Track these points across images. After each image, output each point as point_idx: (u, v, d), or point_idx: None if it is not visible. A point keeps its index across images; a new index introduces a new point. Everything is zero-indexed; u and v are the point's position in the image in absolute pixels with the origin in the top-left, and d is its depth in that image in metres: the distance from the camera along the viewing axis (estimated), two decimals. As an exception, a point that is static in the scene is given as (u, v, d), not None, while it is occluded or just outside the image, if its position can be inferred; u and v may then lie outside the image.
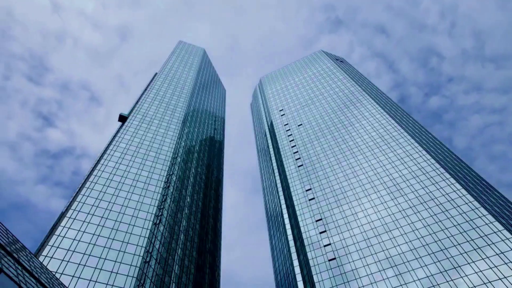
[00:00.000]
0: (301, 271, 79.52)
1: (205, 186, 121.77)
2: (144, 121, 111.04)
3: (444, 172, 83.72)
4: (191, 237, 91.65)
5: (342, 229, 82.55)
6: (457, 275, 62.03)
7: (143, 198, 79.89)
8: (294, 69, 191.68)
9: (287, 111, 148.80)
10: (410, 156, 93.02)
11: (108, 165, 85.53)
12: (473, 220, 69.69)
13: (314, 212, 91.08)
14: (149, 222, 73.96)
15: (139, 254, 65.86)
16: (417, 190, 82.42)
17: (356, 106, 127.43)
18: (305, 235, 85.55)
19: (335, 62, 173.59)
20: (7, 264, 25.40)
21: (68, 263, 58.74)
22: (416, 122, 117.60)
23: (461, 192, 76.49)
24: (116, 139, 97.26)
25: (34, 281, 28.45)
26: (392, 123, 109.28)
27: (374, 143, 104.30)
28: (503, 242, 63.44)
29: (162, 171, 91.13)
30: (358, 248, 76.33)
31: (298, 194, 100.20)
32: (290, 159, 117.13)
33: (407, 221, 76.68)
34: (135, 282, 60.04)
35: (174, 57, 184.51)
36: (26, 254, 33.95)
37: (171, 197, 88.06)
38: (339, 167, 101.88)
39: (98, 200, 74.19)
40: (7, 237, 31.81)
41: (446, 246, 67.73)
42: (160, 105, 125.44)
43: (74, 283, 55.93)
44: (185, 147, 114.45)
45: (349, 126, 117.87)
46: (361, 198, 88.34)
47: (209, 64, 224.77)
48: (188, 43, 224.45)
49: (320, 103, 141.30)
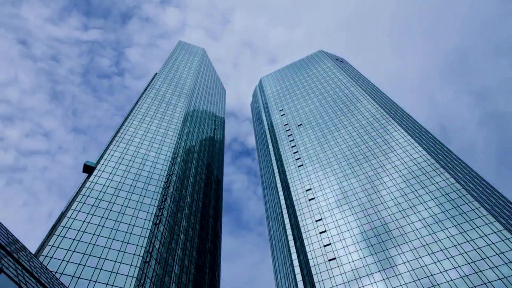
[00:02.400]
0: (301, 271, 79.53)
1: (205, 186, 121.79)
2: (144, 121, 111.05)
3: (444, 172, 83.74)
4: (191, 237, 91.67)
5: (342, 229, 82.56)
6: (457, 275, 62.06)
7: (143, 198, 79.90)
8: (294, 69, 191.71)
9: (287, 111, 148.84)
10: (410, 156, 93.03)
11: (108, 165, 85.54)
12: (473, 220, 69.72)
13: (314, 212, 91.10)
14: (149, 222, 73.98)
15: (139, 254, 65.88)
16: (417, 190, 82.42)
17: (356, 106, 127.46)
18: (305, 235, 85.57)
19: (335, 62, 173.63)
20: (7, 264, 25.40)
21: (68, 263, 58.76)
22: (416, 122, 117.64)
23: (461, 192, 76.52)
24: (116, 139, 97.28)
25: (34, 281, 28.45)
26: (392, 123, 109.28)
27: (374, 143, 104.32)
28: (503, 242, 63.47)
29: (162, 171, 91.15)
30: (358, 248, 76.34)
31: (298, 194, 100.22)
32: (290, 159, 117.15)
33: (407, 221, 76.71)
34: (135, 282, 60.06)
35: (174, 57, 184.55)
36: (26, 254, 33.95)
37: (171, 197, 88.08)
38: (339, 167, 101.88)
39: (98, 200, 74.20)
40: (7, 237, 31.81)
41: (446, 246, 67.75)
42: (160, 105, 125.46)
43: (74, 283, 55.95)
44: (185, 147, 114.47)
45: (349, 126, 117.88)
46: (361, 198, 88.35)
47: (209, 64, 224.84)
48: (188, 43, 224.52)
49: (320, 103, 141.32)
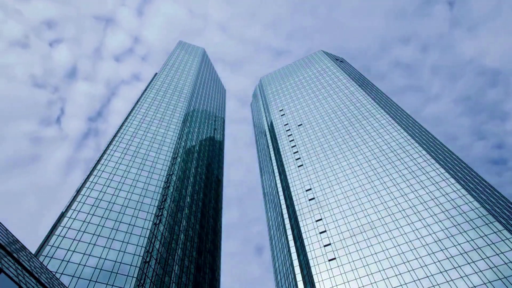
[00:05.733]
0: (301, 271, 79.52)
1: (205, 186, 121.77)
2: (144, 121, 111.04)
3: (444, 172, 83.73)
4: (191, 237, 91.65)
5: (342, 229, 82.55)
6: (457, 275, 62.03)
7: (143, 198, 79.89)
8: (294, 69, 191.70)
9: (287, 111, 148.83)
10: (410, 156, 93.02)
11: (108, 165, 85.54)
12: (473, 220, 69.69)
13: (314, 212, 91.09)
14: (149, 222, 73.97)
15: (139, 254, 65.87)
16: (417, 190, 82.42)
17: (356, 106, 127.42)
18: (305, 235, 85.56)
19: (335, 62, 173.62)
20: (7, 264, 25.40)
21: (68, 263, 58.75)
22: (416, 122, 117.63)
23: (461, 192, 76.51)
24: (116, 139, 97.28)
25: (34, 281, 28.44)
26: (392, 123, 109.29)
27: (374, 143, 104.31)
28: (503, 242, 63.44)
29: (162, 171, 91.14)
30: (358, 248, 76.33)
31: (298, 194, 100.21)
32: (290, 159, 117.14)
33: (407, 221, 76.69)
34: (135, 282, 60.05)
35: (174, 57, 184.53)
36: (26, 254, 33.94)
37: (171, 197, 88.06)
38: (339, 167, 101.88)
39: (98, 200, 74.20)
40: (7, 237, 31.81)
41: (446, 246, 67.73)
42: (160, 105, 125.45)
43: (74, 283, 55.94)
44: (185, 147, 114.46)
45: (349, 126, 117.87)
46: (361, 198, 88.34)
47: (209, 64, 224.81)
48: (188, 43, 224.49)
49: (320, 103, 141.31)
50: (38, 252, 61.73)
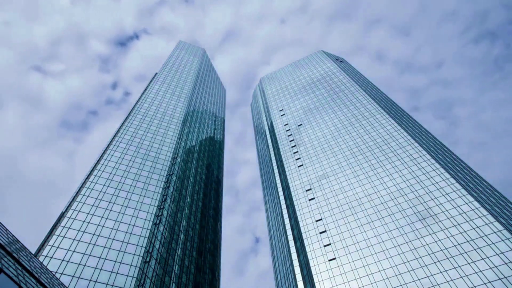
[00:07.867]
0: (301, 271, 79.52)
1: (205, 186, 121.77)
2: (144, 121, 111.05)
3: (444, 172, 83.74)
4: (191, 237, 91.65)
5: (342, 229, 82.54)
6: (457, 275, 62.04)
7: (143, 198, 79.90)
8: (294, 69, 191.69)
9: (287, 111, 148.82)
10: (410, 156, 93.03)
11: (108, 165, 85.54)
12: (473, 220, 69.71)
13: (314, 212, 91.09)
14: (149, 222, 73.97)
15: (139, 254, 65.88)
16: (417, 190, 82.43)
17: (356, 106, 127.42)
18: (305, 235, 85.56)
19: (335, 62, 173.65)
20: (7, 264, 25.40)
21: (68, 263, 58.76)
22: (416, 122, 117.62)
23: (461, 192, 76.52)
24: (116, 139, 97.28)
25: (34, 281, 28.44)
26: (392, 123, 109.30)
27: (374, 143, 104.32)
28: (503, 242, 63.45)
29: (162, 171, 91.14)
30: (358, 248, 76.33)
31: (298, 194, 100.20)
32: (290, 159, 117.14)
33: (407, 221, 76.70)
34: (135, 282, 60.05)
35: (174, 57, 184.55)
36: (26, 254, 33.94)
37: (171, 197, 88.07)
38: (339, 167, 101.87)
39: (98, 200, 74.20)
40: (7, 237, 31.80)
41: (446, 246, 67.74)
42: (160, 105, 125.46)
43: (74, 283, 55.93)
44: (185, 147, 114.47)
45: (349, 126, 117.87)
46: (361, 198, 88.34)
47: (209, 64, 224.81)
48: (188, 43, 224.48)
49: (320, 103, 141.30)
50: (38, 252, 61.74)
